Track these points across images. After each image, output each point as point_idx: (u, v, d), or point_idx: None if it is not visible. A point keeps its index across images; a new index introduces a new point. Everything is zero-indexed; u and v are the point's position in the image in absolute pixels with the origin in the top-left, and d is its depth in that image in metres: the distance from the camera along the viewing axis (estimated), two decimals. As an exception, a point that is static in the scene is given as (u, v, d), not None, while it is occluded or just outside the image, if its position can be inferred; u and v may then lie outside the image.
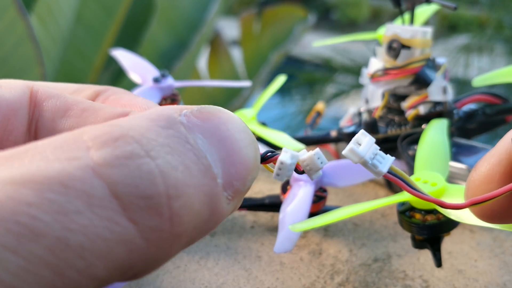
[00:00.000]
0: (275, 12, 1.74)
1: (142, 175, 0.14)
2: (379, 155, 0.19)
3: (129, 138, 0.14)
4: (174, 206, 0.14)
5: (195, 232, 0.15)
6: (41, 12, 1.11)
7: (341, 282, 0.35)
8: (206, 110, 0.17)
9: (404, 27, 0.41)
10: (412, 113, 0.41)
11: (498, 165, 0.19)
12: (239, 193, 0.17)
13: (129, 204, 0.13)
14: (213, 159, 0.16)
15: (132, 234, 0.13)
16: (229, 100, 1.54)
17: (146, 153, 0.14)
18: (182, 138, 0.15)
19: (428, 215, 0.30)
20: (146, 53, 1.25)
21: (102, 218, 0.13)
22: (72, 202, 0.13)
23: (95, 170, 0.13)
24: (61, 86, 0.23)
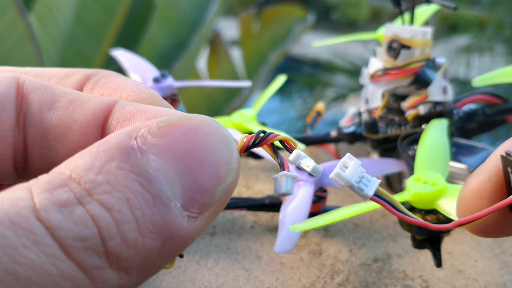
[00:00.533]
0: (275, 12, 1.74)
1: (75, 220, 0.14)
2: (365, 178, 0.19)
3: (66, 188, 0.15)
4: (108, 246, 0.14)
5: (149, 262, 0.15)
6: (41, 12, 1.11)
7: (341, 282, 0.35)
8: (167, 123, 0.16)
9: (404, 27, 0.41)
10: (412, 113, 0.41)
11: (488, 181, 0.19)
12: (208, 206, 0.16)
13: (67, 245, 0.14)
14: (168, 179, 0.16)
15: (75, 271, 0.14)
16: (228, 100, 1.54)
17: (78, 200, 0.15)
18: (125, 169, 0.15)
19: (428, 215, 0.30)
20: (146, 53, 1.25)
21: (48, 255, 0.14)
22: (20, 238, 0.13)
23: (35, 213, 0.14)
24: (50, 72, 0.23)
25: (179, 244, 0.16)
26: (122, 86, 0.21)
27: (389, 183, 0.45)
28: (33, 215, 0.14)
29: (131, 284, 0.15)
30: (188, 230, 0.16)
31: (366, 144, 0.45)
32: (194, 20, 1.41)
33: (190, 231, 0.16)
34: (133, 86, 0.21)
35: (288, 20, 1.71)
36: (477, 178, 0.20)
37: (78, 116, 0.19)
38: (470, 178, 0.20)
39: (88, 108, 0.19)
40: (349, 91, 1.66)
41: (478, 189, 0.20)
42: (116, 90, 0.21)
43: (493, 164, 0.19)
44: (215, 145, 0.16)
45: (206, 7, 1.42)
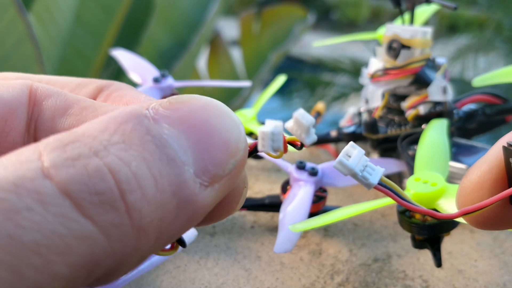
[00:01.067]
0: (275, 12, 1.74)
1: (90, 173, 0.14)
2: (369, 166, 0.19)
3: (78, 143, 0.15)
4: (129, 200, 0.14)
5: (166, 224, 0.15)
6: (40, 12, 1.11)
7: (341, 282, 0.35)
8: (177, 100, 0.17)
9: (404, 27, 0.41)
10: (412, 113, 0.41)
11: (488, 172, 0.19)
12: (218, 178, 0.16)
13: (81, 200, 0.14)
14: (181, 146, 0.16)
15: (90, 230, 0.14)
16: (228, 100, 1.54)
17: (94, 154, 0.14)
18: (141, 131, 0.15)
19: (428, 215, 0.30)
20: (145, 53, 1.25)
21: (56, 215, 0.13)
22: (23, 200, 0.13)
23: (44, 171, 0.14)
24: (63, 80, 0.22)
25: (192, 211, 0.16)
26: (135, 100, 0.21)
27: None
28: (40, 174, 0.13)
29: (147, 248, 0.15)
30: (200, 197, 0.16)
31: (366, 144, 0.45)
32: (194, 20, 1.41)
33: (201, 198, 0.16)
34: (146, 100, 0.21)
35: (288, 20, 1.71)
36: (478, 170, 0.20)
37: None
38: (470, 169, 0.20)
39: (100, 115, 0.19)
40: (350, 90, 1.66)
41: (479, 180, 0.19)
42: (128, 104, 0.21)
43: (495, 155, 0.19)
44: (225, 123, 0.17)
45: (206, 7, 1.42)
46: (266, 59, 1.64)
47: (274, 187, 0.47)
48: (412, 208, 0.20)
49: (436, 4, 0.43)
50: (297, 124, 0.18)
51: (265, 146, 0.18)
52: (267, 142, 0.18)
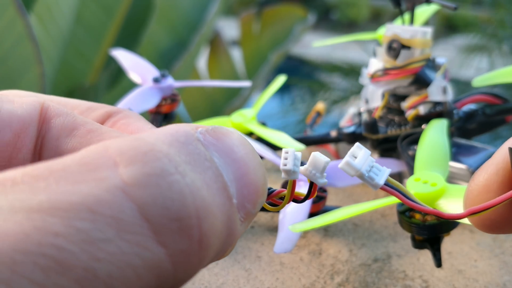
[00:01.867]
0: (275, 12, 1.74)
1: (174, 195, 0.13)
2: (375, 167, 0.19)
3: (158, 153, 0.13)
4: (203, 228, 0.13)
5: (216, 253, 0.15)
6: (40, 12, 1.11)
7: (341, 282, 0.35)
8: (219, 130, 0.17)
9: (404, 27, 0.41)
10: (412, 113, 0.41)
11: (495, 174, 0.19)
12: (250, 216, 0.16)
13: (160, 226, 0.13)
14: (228, 178, 0.15)
15: (161, 259, 0.13)
16: (228, 100, 1.54)
17: (175, 170, 0.13)
18: (201, 155, 0.15)
19: (428, 215, 0.30)
20: (145, 53, 1.25)
21: (132, 244, 0.12)
22: (101, 229, 0.12)
23: (125, 191, 0.12)
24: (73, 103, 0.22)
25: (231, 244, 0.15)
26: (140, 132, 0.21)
27: (389, 183, 0.45)
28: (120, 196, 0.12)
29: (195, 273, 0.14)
30: (238, 231, 0.15)
31: (366, 144, 0.45)
32: (194, 20, 1.41)
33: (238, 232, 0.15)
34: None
35: (289, 20, 1.71)
36: (484, 172, 0.20)
37: None
38: (477, 172, 0.20)
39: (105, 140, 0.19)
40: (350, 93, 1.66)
41: (486, 183, 0.19)
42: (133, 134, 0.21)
43: (501, 157, 0.19)
44: (256, 164, 0.17)
45: (206, 7, 1.42)
46: (266, 59, 1.65)
47: (274, 187, 0.47)
48: (419, 208, 0.20)
49: (436, 4, 0.43)
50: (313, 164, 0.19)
51: (288, 164, 0.18)
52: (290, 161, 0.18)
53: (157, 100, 0.43)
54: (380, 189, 0.19)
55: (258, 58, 1.68)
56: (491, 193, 0.19)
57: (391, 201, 0.29)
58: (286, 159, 0.18)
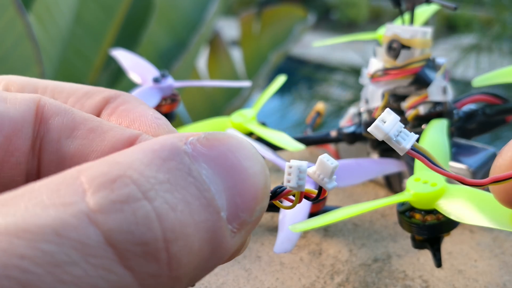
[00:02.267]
0: (275, 12, 1.74)
1: (138, 220, 0.13)
2: (403, 132, 0.19)
3: (127, 179, 0.13)
4: (172, 250, 0.13)
5: (197, 272, 0.15)
6: (40, 11, 1.11)
7: (341, 282, 0.35)
8: (213, 136, 0.16)
9: (404, 27, 0.41)
10: (412, 113, 0.41)
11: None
12: (246, 224, 0.16)
13: (125, 251, 0.13)
14: (217, 190, 0.15)
15: (128, 282, 0.13)
16: (228, 100, 1.54)
17: (143, 195, 0.13)
18: (184, 170, 0.15)
19: (428, 215, 0.30)
20: (145, 53, 1.25)
21: (97, 268, 0.12)
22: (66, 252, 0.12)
23: (90, 217, 0.13)
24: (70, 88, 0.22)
25: (220, 258, 0.15)
26: (142, 118, 0.20)
27: (389, 183, 0.45)
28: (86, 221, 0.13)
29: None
30: (230, 244, 0.15)
31: (366, 144, 0.45)
32: (194, 20, 1.41)
33: (230, 245, 0.15)
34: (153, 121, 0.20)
35: (289, 21, 1.71)
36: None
37: (96, 147, 0.18)
38: (505, 148, 0.20)
39: (107, 140, 0.18)
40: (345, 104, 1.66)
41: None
42: (134, 122, 0.20)
43: None
44: (256, 167, 0.16)
45: (206, 7, 1.42)
46: (266, 60, 1.65)
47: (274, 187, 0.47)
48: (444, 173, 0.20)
49: (436, 4, 0.43)
50: (321, 168, 0.19)
51: (291, 181, 0.18)
52: (293, 177, 0.18)
53: (157, 100, 0.43)
54: (407, 153, 0.19)
55: (258, 58, 1.68)
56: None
57: (391, 201, 0.29)
58: (290, 175, 0.18)
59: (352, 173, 0.39)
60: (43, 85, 0.22)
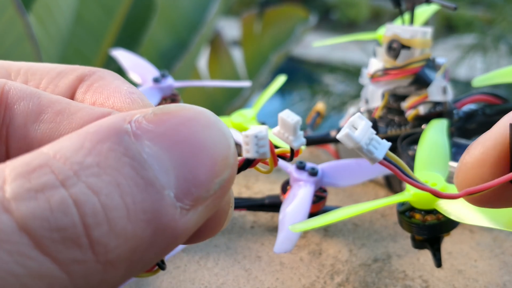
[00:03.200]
0: (276, 12, 1.74)
1: (53, 207, 0.13)
2: (375, 140, 0.18)
3: (46, 168, 0.13)
4: (94, 235, 0.13)
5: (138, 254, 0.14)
6: (40, 11, 1.11)
7: (341, 282, 0.35)
8: (163, 111, 0.15)
9: (404, 27, 0.41)
10: (412, 113, 0.41)
11: (492, 149, 0.19)
12: (202, 200, 0.15)
13: (41, 238, 0.13)
14: (162, 167, 0.15)
15: (49, 268, 0.13)
16: (229, 100, 1.54)
17: (60, 183, 0.13)
18: (119, 151, 0.14)
19: (428, 215, 0.30)
20: (146, 53, 1.25)
21: (12, 253, 0.12)
22: None
23: (4, 205, 0.13)
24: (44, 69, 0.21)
25: (170, 238, 0.15)
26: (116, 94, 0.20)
27: (389, 183, 0.45)
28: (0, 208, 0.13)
29: (116, 279, 0.14)
30: (180, 222, 0.15)
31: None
32: (195, 20, 1.41)
33: (182, 223, 0.15)
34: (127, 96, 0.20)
35: (290, 21, 1.71)
36: (481, 145, 0.19)
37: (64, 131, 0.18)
38: (473, 145, 0.19)
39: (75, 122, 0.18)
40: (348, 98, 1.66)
41: (482, 156, 0.19)
42: (109, 98, 0.20)
43: (500, 132, 0.18)
44: (213, 138, 0.15)
45: (207, 7, 1.42)
46: (267, 60, 1.65)
47: (274, 187, 0.47)
48: (416, 186, 0.19)
49: (436, 4, 0.43)
50: (283, 126, 0.17)
51: (250, 152, 0.17)
52: (251, 147, 0.17)
53: (157, 100, 0.43)
54: (379, 163, 0.18)
55: (259, 58, 1.68)
56: (485, 168, 0.19)
57: (391, 201, 0.29)
58: (247, 145, 0.17)
59: (352, 173, 0.39)
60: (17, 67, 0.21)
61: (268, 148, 0.17)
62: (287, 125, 0.17)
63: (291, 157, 0.18)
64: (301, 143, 0.17)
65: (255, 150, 0.17)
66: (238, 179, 0.48)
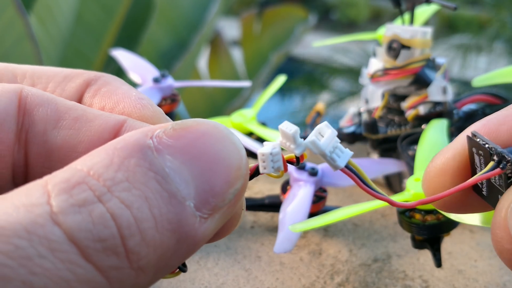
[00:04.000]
0: (276, 12, 1.74)
1: (94, 220, 0.14)
2: (338, 148, 0.19)
3: (84, 185, 0.15)
4: (129, 245, 0.15)
5: (164, 261, 0.16)
6: (41, 12, 1.11)
7: (341, 282, 0.35)
8: (181, 126, 0.17)
9: (404, 27, 0.41)
10: (412, 113, 0.41)
11: (452, 159, 0.20)
12: (218, 209, 0.16)
13: (86, 247, 0.14)
14: (183, 180, 0.16)
15: (93, 274, 0.14)
16: (229, 100, 1.54)
17: (98, 199, 0.15)
18: (144, 166, 0.15)
19: (428, 215, 0.30)
20: (146, 53, 1.24)
21: (64, 261, 0.14)
22: (35, 247, 0.13)
23: (53, 217, 0.14)
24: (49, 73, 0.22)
25: (191, 245, 0.16)
26: (125, 99, 0.21)
27: (389, 183, 0.45)
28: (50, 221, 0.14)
29: (145, 283, 0.16)
30: (199, 230, 0.16)
31: (366, 144, 0.45)
32: (195, 20, 1.41)
33: (201, 231, 0.16)
34: (137, 102, 0.21)
35: (290, 21, 1.71)
36: (442, 156, 0.20)
37: (84, 137, 0.19)
38: (436, 155, 0.21)
39: (94, 129, 0.19)
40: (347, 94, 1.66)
41: (442, 166, 0.20)
42: (118, 103, 0.21)
43: (459, 143, 0.20)
44: (227, 151, 0.17)
45: (207, 7, 1.42)
46: (267, 60, 1.65)
47: (274, 187, 0.47)
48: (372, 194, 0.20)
49: (436, 4, 0.43)
50: (284, 136, 0.19)
51: (267, 168, 0.18)
52: (268, 164, 0.18)
53: (157, 100, 0.43)
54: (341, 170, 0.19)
55: (258, 58, 1.68)
56: (446, 177, 0.20)
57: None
58: (264, 162, 0.18)
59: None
60: (22, 71, 0.21)
61: (281, 162, 0.19)
62: (287, 135, 0.18)
63: (297, 163, 0.19)
64: (302, 149, 0.19)
65: (271, 166, 0.18)
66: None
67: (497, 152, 0.18)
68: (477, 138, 0.19)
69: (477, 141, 0.19)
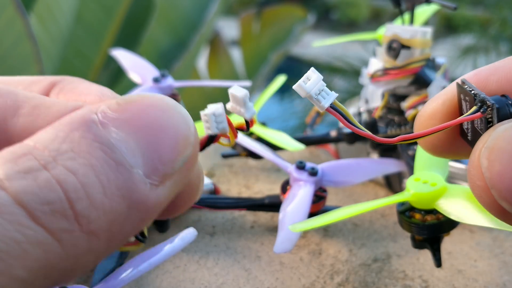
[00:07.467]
0: (275, 12, 1.74)
1: (40, 184, 0.15)
2: (324, 91, 0.20)
3: (30, 156, 0.16)
4: (77, 208, 0.15)
5: (116, 226, 0.16)
6: (41, 11, 1.11)
7: (341, 282, 0.35)
8: (125, 100, 0.17)
9: (404, 27, 0.41)
10: (412, 113, 0.41)
11: (441, 104, 0.22)
12: (169, 176, 0.17)
13: (33, 209, 0.15)
14: (129, 150, 0.16)
15: (43, 236, 0.15)
16: (229, 100, 1.54)
17: (42, 166, 0.15)
18: (89, 138, 0.16)
19: (428, 215, 0.30)
20: (145, 53, 1.24)
21: (13, 223, 0.14)
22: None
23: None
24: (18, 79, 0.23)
25: (143, 211, 0.17)
26: (87, 91, 0.22)
27: (389, 183, 0.45)
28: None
29: (100, 248, 0.16)
30: (151, 197, 0.17)
31: (366, 144, 0.45)
32: (194, 20, 1.41)
33: (153, 198, 0.17)
34: (98, 91, 0.22)
35: (288, 20, 1.71)
36: (433, 102, 0.22)
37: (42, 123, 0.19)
38: (428, 101, 0.22)
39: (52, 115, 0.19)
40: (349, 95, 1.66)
41: (432, 111, 0.22)
42: (81, 95, 0.22)
43: (450, 91, 0.22)
44: (173, 120, 0.17)
45: (206, 7, 1.42)
46: (266, 59, 1.65)
47: (274, 187, 0.47)
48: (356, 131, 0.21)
49: (436, 4, 0.43)
50: (234, 100, 0.19)
51: (210, 128, 0.19)
52: (211, 124, 0.19)
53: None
54: (326, 110, 0.20)
55: (258, 58, 1.68)
56: (435, 121, 0.22)
57: (391, 201, 0.29)
58: (207, 123, 0.19)
59: (352, 173, 0.39)
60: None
61: (226, 123, 0.19)
62: (237, 99, 0.19)
63: (247, 128, 0.20)
64: (252, 113, 0.20)
65: (215, 126, 0.19)
66: (238, 179, 0.49)
67: (480, 97, 0.19)
68: (465, 85, 0.20)
69: (465, 88, 0.20)
